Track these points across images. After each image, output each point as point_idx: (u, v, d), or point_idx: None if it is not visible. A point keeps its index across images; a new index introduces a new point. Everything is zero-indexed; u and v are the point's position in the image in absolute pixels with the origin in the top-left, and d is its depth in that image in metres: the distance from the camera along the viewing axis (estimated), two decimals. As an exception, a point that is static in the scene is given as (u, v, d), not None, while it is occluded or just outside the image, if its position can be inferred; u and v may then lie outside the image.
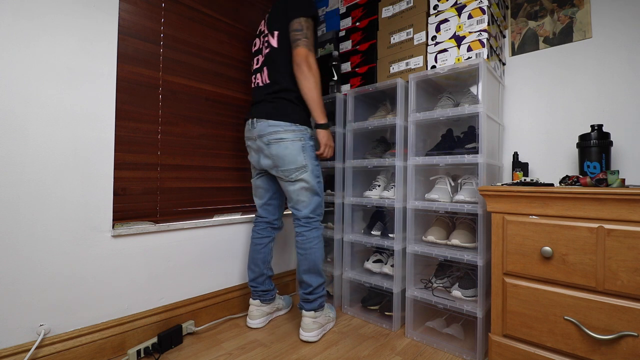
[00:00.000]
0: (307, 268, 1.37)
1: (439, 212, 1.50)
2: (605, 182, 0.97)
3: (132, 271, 1.29)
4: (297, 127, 1.33)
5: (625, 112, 1.27)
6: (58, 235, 1.11)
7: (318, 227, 1.42)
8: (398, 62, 1.55)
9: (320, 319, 1.40)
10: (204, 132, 1.54)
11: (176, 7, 1.44)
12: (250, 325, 1.47)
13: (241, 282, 1.67)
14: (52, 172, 1.10)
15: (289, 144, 1.32)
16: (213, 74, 1.57)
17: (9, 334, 1.02)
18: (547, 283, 1.00)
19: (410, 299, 1.39)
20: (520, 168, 1.35)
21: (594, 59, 1.34)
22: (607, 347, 0.89)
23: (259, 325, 1.48)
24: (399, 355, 1.25)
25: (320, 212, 1.44)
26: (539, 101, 1.46)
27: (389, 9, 1.60)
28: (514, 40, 1.54)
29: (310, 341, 1.35)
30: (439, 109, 1.39)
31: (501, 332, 1.07)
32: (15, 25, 1.03)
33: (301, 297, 1.39)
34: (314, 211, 1.40)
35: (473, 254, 1.24)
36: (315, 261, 1.38)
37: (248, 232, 1.71)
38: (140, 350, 1.21)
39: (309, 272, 1.37)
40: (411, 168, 1.42)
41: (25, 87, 1.05)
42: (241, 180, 1.70)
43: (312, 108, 1.32)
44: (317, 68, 1.30)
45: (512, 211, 1.05)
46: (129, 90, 1.29)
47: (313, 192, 1.39)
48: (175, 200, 1.43)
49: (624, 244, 0.87)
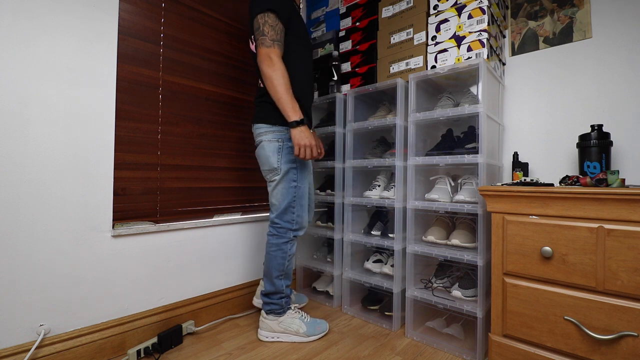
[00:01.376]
0: (264, 271, 1.37)
1: (439, 212, 1.50)
2: (605, 182, 0.97)
3: (132, 271, 1.29)
4: (275, 128, 1.30)
5: (625, 112, 1.27)
6: (58, 235, 1.11)
7: (280, 235, 1.34)
8: (398, 62, 1.55)
9: (273, 324, 1.35)
10: (204, 132, 1.54)
11: (176, 7, 1.44)
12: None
13: (241, 282, 1.67)
14: (52, 172, 1.10)
15: (266, 145, 1.31)
16: (213, 74, 1.57)
17: (9, 334, 1.02)
18: (547, 283, 1.00)
19: (410, 299, 1.39)
20: (520, 168, 1.35)
21: (594, 59, 1.34)
22: (607, 347, 0.89)
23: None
24: (399, 355, 1.25)
25: (289, 220, 1.34)
26: (539, 101, 1.46)
27: (389, 9, 1.60)
28: (514, 40, 1.54)
29: (260, 339, 1.36)
30: (439, 109, 1.39)
31: (501, 332, 1.07)
32: (15, 25, 1.03)
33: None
34: (280, 217, 1.33)
35: (473, 254, 1.24)
36: (269, 267, 1.34)
37: (248, 232, 1.71)
38: (140, 350, 1.21)
39: (265, 275, 1.37)
40: (411, 168, 1.42)
41: (25, 87, 1.05)
42: (241, 180, 1.70)
43: (279, 107, 1.24)
44: (279, 63, 1.21)
45: (512, 211, 1.05)
46: (129, 90, 1.29)
47: (282, 197, 1.32)
48: (175, 200, 1.43)
49: (624, 244, 0.87)
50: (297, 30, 1.33)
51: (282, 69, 1.21)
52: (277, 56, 1.22)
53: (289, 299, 1.39)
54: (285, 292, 1.36)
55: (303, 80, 1.36)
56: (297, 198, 1.34)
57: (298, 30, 1.34)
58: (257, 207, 1.78)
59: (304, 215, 1.38)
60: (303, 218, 1.38)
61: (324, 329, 1.40)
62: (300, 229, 1.38)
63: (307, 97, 1.38)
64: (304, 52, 1.37)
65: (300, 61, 1.35)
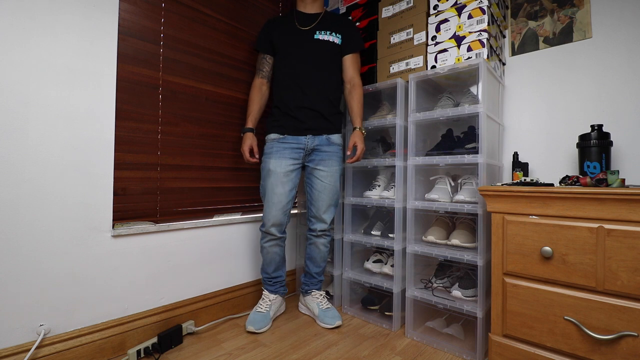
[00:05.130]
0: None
1: (439, 212, 1.50)
2: (605, 182, 0.97)
3: (132, 271, 1.29)
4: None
5: (625, 112, 1.27)
6: (58, 235, 1.11)
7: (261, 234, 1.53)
8: (398, 62, 1.55)
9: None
10: (204, 132, 1.54)
11: (176, 7, 1.44)
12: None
13: (241, 282, 1.67)
14: (52, 172, 1.10)
15: None
16: (213, 74, 1.57)
17: (9, 334, 1.02)
18: (547, 283, 1.00)
19: (410, 299, 1.39)
20: (520, 168, 1.35)
21: (594, 59, 1.34)
22: (607, 347, 0.89)
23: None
24: (399, 355, 1.25)
25: (263, 221, 1.49)
26: (539, 101, 1.46)
27: (389, 9, 1.60)
28: (514, 40, 1.54)
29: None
30: (439, 109, 1.39)
31: (501, 332, 1.07)
32: (15, 25, 1.03)
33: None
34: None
35: (473, 254, 1.24)
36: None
37: (248, 232, 1.71)
38: (140, 350, 1.21)
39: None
40: (411, 168, 1.42)
41: (25, 87, 1.05)
42: (241, 180, 1.70)
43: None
44: (252, 87, 1.57)
45: (512, 211, 1.05)
46: (129, 90, 1.29)
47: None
48: (175, 200, 1.43)
49: (624, 244, 0.87)
50: (278, 44, 1.52)
51: (250, 91, 1.56)
52: (253, 82, 1.57)
53: (278, 284, 1.57)
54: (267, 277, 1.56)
55: (281, 87, 1.51)
56: (262, 196, 1.51)
57: (278, 43, 1.52)
58: (257, 207, 1.77)
59: (268, 212, 1.47)
60: (266, 215, 1.48)
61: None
62: (263, 225, 1.49)
63: (284, 102, 1.49)
64: (284, 60, 1.51)
65: (278, 70, 1.54)
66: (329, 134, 1.51)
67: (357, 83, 1.52)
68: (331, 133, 1.52)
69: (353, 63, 1.54)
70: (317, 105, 1.47)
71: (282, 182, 1.45)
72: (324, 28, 1.51)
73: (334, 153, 1.51)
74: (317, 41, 1.49)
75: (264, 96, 1.56)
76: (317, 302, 1.55)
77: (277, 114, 1.51)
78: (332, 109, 1.51)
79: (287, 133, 1.48)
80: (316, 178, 1.50)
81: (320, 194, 1.51)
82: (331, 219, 1.56)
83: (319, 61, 1.49)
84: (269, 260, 1.52)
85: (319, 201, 1.51)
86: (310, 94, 1.47)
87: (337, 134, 1.54)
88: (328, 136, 1.51)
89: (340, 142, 1.55)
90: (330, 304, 1.57)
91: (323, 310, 1.52)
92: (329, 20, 1.54)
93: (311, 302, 1.57)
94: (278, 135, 1.49)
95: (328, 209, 1.53)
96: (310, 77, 1.47)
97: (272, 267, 1.53)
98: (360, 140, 1.43)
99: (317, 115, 1.48)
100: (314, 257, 1.57)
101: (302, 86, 1.47)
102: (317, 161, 1.50)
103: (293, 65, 1.49)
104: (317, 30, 1.51)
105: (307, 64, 1.48)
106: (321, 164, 1.50)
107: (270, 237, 1.49)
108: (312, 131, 1.48)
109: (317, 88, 1.48)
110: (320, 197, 1.51)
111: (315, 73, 1.48)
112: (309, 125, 1.48)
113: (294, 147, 1.47)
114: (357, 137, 1.44)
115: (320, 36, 1.50)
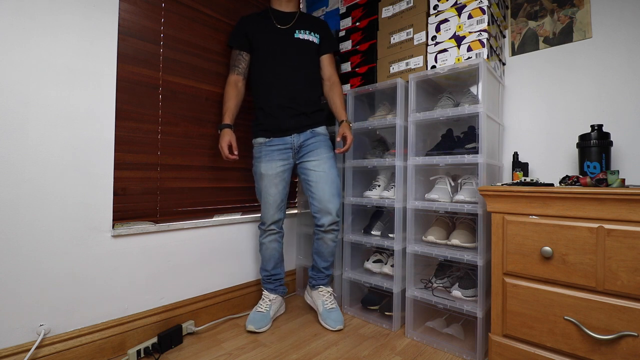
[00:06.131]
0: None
1: (439, 212, 1.50)
2: (605, 182, 0.97)
3: (132, 271, 1.29)
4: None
5: (625, 112, 1.27)
6: (58, 235, 1.11)
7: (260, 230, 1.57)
8: (398, 62, 1.55)
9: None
10: (204, 132, 1.54)
11: (176, 7, 1.44)
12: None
13: (241, 282, 1.67)
14: (52, 172, 1.10)
15: None
16: (213, 74, 1.57)
17: (9, 334, 1.02)
18: (547, 283, 1.00)
19: (410, 299, 1.39)
20: (520, 168, 1.35)
21: (594, 59, 1.34)
22: (607, 347, 0.89)
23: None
24: (399, 355, 1.25)
25: (262, 219, 1.53)
26: (539, 101, 1.46)
27: (389, 9, 1.60)
28: (514, 40, 1.54)
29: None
30: (439, 109, 1.39)
31: (501, 332, 1.07)
32: (15, 25, 1.03)
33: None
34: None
35: (473, 254, 1.24)
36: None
37: (248, 232, 1.71)
38: (140, 350, 1.21)
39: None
40: (411, 168, 1.42)
41: (25, 87, 1.05)
42: (241, 180, 1.70)
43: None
44: (227, 84, 1.54)
45: (512, 211, 1.05)
46: (129, 90, 1.29)
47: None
48: (175, 200, 1.43)
49: (624, 244, 0.87)
50: (256, 42, 1.51)
51: (225, 88, 1.53)
52: (228, 78, 1.54)
53: (276, 281, 1.59)
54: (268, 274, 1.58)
55: (262, 86, 1.51)
56: (259, 197, 1.54)
57: (256, 41, 1.51)
58: (257, 207, 1.77)
59: (265, 211, 1.51)
60: (264, 214, 1.51)
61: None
62: (263, 223, 1.53)
63: (267, 102, 1.50)
64: (264, 59, 1.50)
65: (257, 68, 1.52)
66: (313, 128, 1.53)
67: (335, 80, 1.59)
68: (314, 127, 1.54)
69: (330, 62, 1.61)
70: (300, 103, 1.49)
71: (274, 183, 1.48)
72: (302, 27, 1.54)
73: (321, 142, 1.52)
74: (297, 40, 1.52)
75: (240, 93, 1.54)
76: (322, 299, 1.55)
77: (261, 117, 1.51)
78: (314, 107, 1.54)
79: (272, 136, 1.50)
80: (309, 170, 1.49)
81: (318, 184, 1.47)
82: (337, 209, 1.48)
83: (300, 60, 1.51)
84: (268, 257, 1.53)
85: (319, 191, 1.47)
86: (293, 92, 1.48)
87: (321, 127, 1.56)
88: (312, 130, 1.53)
89: (325, 132, 1.57)
90: (336, 303, 1.56)
91: (327, 310, 1.51)
92: (306, 20, 1.58)
93: (317, 298, 1.57)
94: (264, 139, 1.50)
95: (332, 198, 1.47)
96: (293, 76, 1.49)
97: (272, 264, 1.54)
98: (348, 131, 1.45)
99: (299, 114, 1.50)
100: (322, 251, 1.54)
101: (284, 85, 1.48)
102: (306, 154, 1.50)
103: (275, 64, 1.49)
104: (296, 30, 1.52)
105: (289, 62, 1.49)
106: (311, 155, 1.50)
107: (269, 232, 1.53)
108: (296, 130, 1.50)
109: (300, 87, 1.50)
110: (318, 187, 1.47)
111: (297, 72, 1.50)
112: (293, 124, 1.49)
113: (281, 149, 1.49)
114: (345, 128, 1.46)
115: (300, 35, 1.52)
